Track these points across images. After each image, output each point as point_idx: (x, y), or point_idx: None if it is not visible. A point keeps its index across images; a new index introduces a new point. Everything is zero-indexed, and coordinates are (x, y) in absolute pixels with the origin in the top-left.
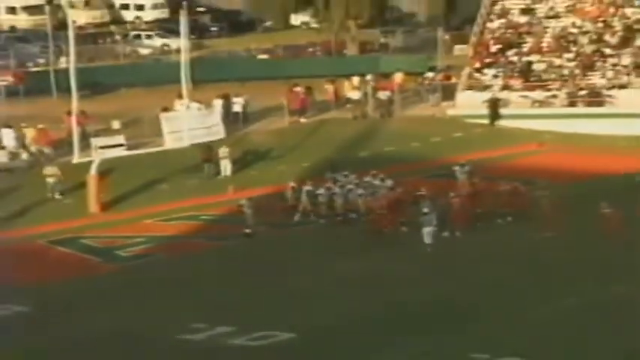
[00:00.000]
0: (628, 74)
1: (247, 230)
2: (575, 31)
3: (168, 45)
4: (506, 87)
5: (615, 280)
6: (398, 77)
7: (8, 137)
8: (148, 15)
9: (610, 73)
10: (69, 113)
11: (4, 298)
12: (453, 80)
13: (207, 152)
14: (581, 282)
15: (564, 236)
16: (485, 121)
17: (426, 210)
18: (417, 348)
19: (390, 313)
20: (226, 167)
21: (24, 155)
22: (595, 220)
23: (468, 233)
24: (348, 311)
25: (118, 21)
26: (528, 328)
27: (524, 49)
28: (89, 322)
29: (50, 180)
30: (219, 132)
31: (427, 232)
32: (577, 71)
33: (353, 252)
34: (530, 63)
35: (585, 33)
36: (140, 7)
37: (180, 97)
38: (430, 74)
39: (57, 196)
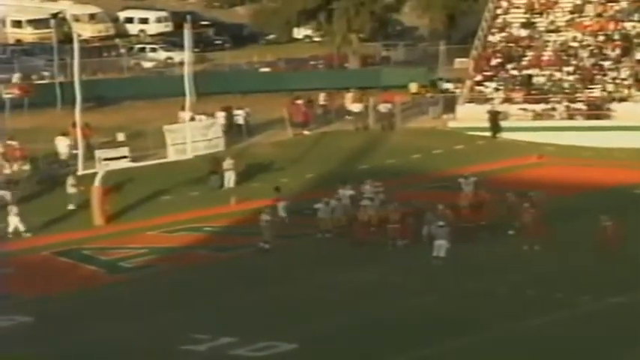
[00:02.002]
0: (628, 87)
1: (264, 245)
2: (575, 44)
3: (172, 58)
4: (507, 100)
5: (613, 293)
6: (413, 87)
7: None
8: (152, 28)
9: (610, 86)
10: (74, 125)
11: (9, 308)
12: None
13: (214, 164)
14: (578, 294)
15: (562, 248)
16: (486, 134)
17: (441, 223)
18: (417, 357)
19: (391, 323)
20: (230, 179)
21: (26, 167)
22: (593, 232)
23: (468, 245)
24: (349, 322)
25: (122, 34)
26: (523, 339)
27: (525, 63)
28: (93, 332)
29: (72, 191)
30: (218, 144)
31: (438, 245)
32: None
33: (354, 263)
34: (530, 76)
35: (585, 46)
36: (144, 21)
37: (183, 109)
38: (448, 85)
39: (71, 206)
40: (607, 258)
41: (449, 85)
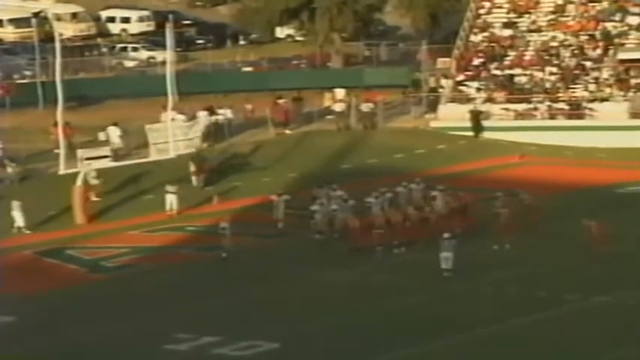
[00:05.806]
0: (610, 87)
1: (224, 254)
2: (557, 44)
3: (154, 57)
4: (489, 99)
5: (598, 291)
6: (431, 81)
7: None
8: (134, 28)
9: (592, 86)
10: (55, 125)
11: None
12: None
13: (200, 163)
14: (563, 293)
15: (545, 247)
16: (468, 133)
17: (446, 235)
18: (401, 356)
19: (374, 323)
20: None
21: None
22: (576, 231)
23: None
24: (331, 322)
25: (104, 34)
26: (511, 337)
27: (507, 63)
28: (75, 332)
29: (95, 182)
30: (197, 144)
31: (444, 257)
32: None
33: (338, 263)
34: (512, 76)
35: (567, 46)
36: (126, 20)
37: (165, 109)
38: (446, 82)
39: (93, 198)
40: (592, 257)
41: (445, 83)
